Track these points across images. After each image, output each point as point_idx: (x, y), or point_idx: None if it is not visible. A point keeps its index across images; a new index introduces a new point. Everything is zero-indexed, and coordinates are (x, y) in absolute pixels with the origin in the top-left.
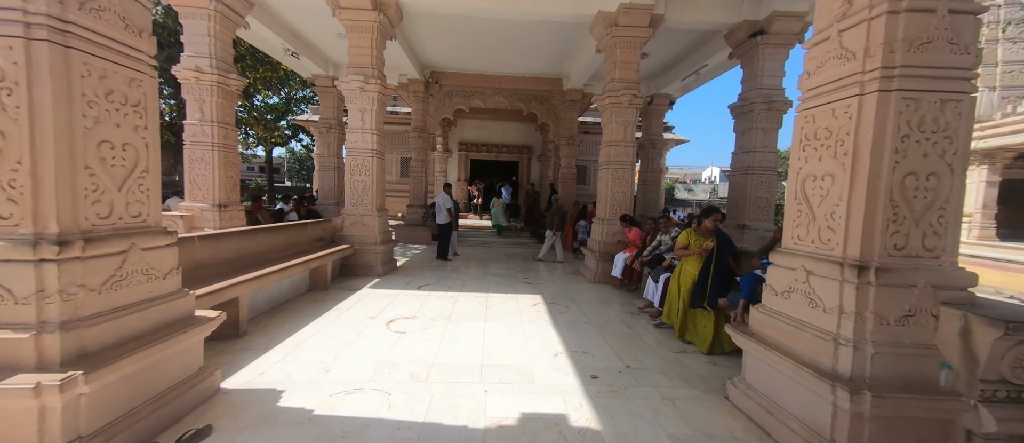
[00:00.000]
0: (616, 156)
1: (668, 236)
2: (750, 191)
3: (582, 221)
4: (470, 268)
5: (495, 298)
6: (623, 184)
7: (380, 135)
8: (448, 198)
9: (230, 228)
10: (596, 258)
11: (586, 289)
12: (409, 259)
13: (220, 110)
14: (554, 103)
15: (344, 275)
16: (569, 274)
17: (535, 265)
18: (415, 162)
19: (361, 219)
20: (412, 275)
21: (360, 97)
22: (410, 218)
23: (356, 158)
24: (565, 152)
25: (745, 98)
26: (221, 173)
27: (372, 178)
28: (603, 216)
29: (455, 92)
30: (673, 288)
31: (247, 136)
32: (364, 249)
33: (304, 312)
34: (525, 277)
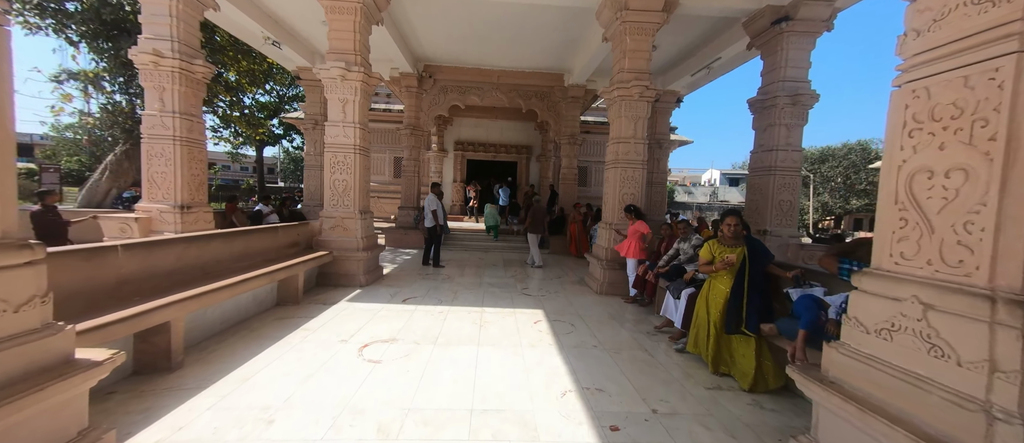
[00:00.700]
0: (625, 154)
1: (688, 244)
2: (772, 193)
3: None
4: (464, 276)
5: (491, 314)
6: (632, 185)
7: (364, 129)
8: (435, 200)
9: (191, 232)
10: (603, 267)
11: (593, 303)
12: (398, 266)
13: (183, 100)
14: (555, 100)
15: (322, 285)
16: (573, 284)
17: (532, 272)
18: (408, 161)
19: (341, 222)
20: (399, 285)
21: (341, 86)
22: (402, 220)
23: (336, 154)
24: (566, 152)
25: (766, 92)
26: (184, 170)
27: (354, 177)
28: (610, 221)
29: (450, 87)
30: (701, 309)
31: (236, 134)
32: (344, 256)
33: (263, 334)
34: (524, 287)
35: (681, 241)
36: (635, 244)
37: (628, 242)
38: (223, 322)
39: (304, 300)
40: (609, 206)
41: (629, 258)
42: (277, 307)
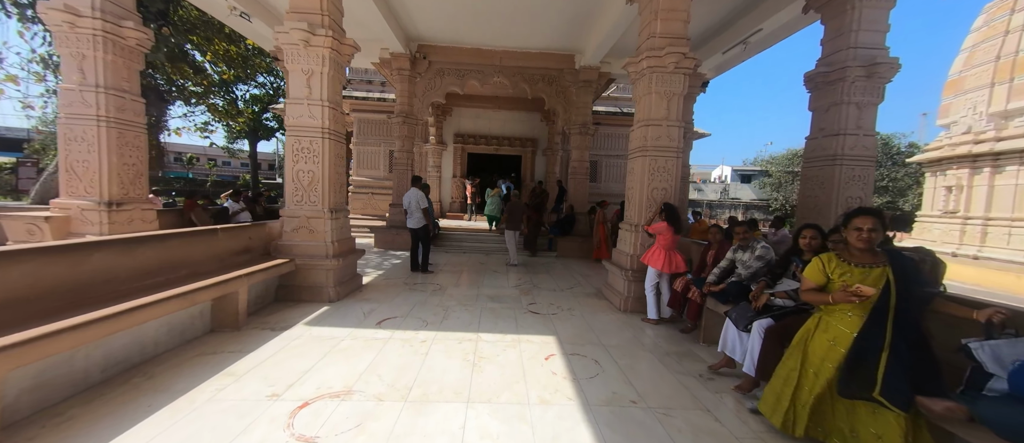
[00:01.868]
0: (655, 140)
1: (750, 254)
2: (837, 189)
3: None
4: (459, 286)
5: (488, 343)
6: (665, 178)
7: (335, 110)
8: (423, 196)
9: (119, 234)
10: (626, 278)
11: (617, 325)
12: (384, 273)
13: (110, 71)
14: (565, 84)
15: (283, 300)
16: (588, 297)
17: (538, 279)
18: (400, 153)
19: (307, 223)
20: (378, 299)
21: (304, 55)
22: (393, 219)
23: (300, 140)
24: (577, 143)
25: (830, 63)
26: (113, 159)
27: (322, 167)
28: (635, 221)
29: (447, 70)
30: (792, 358)
31: (228, 128)
32: (310, 265)
33: (162, 385)
34: (531, 301)
35: (738, 249)
36: (661, 254)
37: (655, 251)
38: (110, 366)
39: (248, 324)
40: (634, 203)
41: (651, 267)
42: (210, 335)
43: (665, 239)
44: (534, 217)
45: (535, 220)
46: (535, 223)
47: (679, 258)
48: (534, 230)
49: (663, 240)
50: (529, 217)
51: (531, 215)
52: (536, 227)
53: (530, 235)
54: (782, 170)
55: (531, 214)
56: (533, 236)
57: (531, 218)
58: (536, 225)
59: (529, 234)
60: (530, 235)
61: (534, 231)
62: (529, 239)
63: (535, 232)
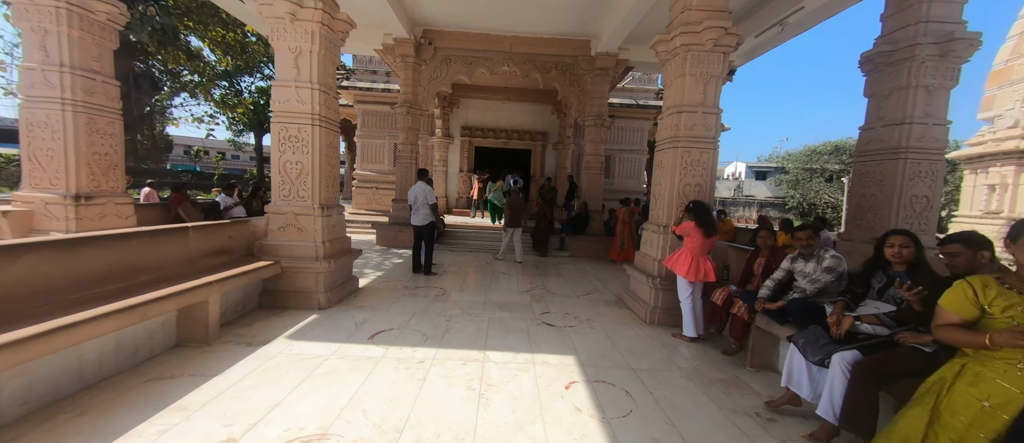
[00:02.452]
0: (689, 129)
1: (815, 265)
2: (900, 186)
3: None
4: (464, 292)
5: (497, 365)
6: (699, 173)
7: (327, 94)
8: (430, 192)
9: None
10: (652, 286)
11: (646, 342)
12: (383, 274)
13: (76, 49)
14: (579, 72)
15: (267, 307)
16: (608, 305)
17: (551, 283)
18: (403, 146)
19: (295, 221)
20: (373, 307)
21: (291, 31)
22: (396, 215)
23: (286, 127)
24: (592, 135)
25: (895, 40)
26: (82, 147)
27: (313, 158)
28: (662, 222)
29: (454, 57)
30: (915, 416)
31: (232, 120)
32: (297, 268)
33: (92, 425)
34: (544, 309)
35: (798, 258)
36: (687, 259)
37: (681, 254)
38: (34, 398)
39: (221, 337)
40: (662, 201)
41: (680, 277)
42: (173, 352)
43: (693, 242)
44: (545, 215)
45: (544, 218)
46: (545, 221)
47: (708, 265)
48: (544, 229)
49: (691, 243)
50: (538, 214)
51: (541, 212)
52: (546, 226)
53: (539, 234)
54: (799, 167)
55: (541, 211)
56: (543, 235)
57: (541, 216)
58: (546, 224)
59: (538, 233)
60: (539, 234)
61: (544, 230)
62: (539, 239)
63: (545, 231)
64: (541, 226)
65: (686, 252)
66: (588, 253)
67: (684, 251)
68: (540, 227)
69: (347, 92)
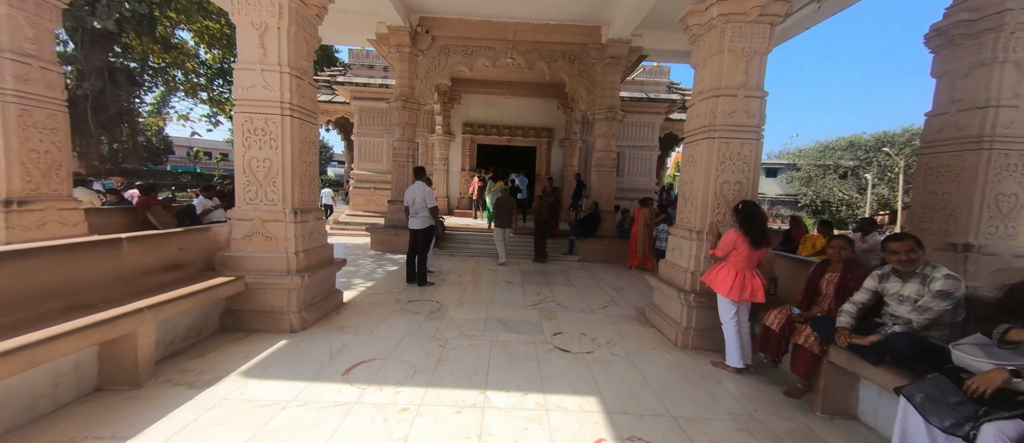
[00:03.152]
0: (727, 116)
1: (920, 285)
2: (982, 182)
3: (663, 226)
4: (463, 306)
5: (501, 414)
6: (738, 168)
7: (301, 79)
8: (431, 193)
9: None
10: (684, 303)
11: (681, 374)
12: (374, 285)
13: (5, 28)
14: (588, 62)
15: (229, 330)
16: (629, 321)
17: (561, 293)
18: (399, 143)
19: (262, 227)
20: (356, 328)
21: (255, 2)
22: (392, 217)
23: (251, 118)
24: (602, 130)
25: (978, 7)
26: (13, 144)
27: (283, 154)
28: (694, 226)
29: (453, 47)
30: None
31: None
32: (265, 284)
33: None
34: (555, 327)
35: (890, 277)
36: (730, 275)
37: (723, 269)
38: None
39: (158, 376)
40: (694, 202)
41: (722, 295)
42: (89, 400)
43: (739, 254)
44: (543, 218)
45: (543, 223)
46: (543, 226)
47: (756, 282)
48: (542, 234)
49: (736, 256)
50: (539, 219)
51: (539, 216)
52: (545, 230)
53: (538, 239)
54: (812, 164)
55: (540, 215)
56: (542, 241)
57: (542, 221)
58: (544, 229)
59: (535, 238)
60: (538, 239)
61: (542, 234)
62: (538, 245)
63: (543, 235)
64: (539, 231)
65: (729, 266)
66: (600, 257)
67: (727, 264)
68: (538, 232)
69: (343, 88)
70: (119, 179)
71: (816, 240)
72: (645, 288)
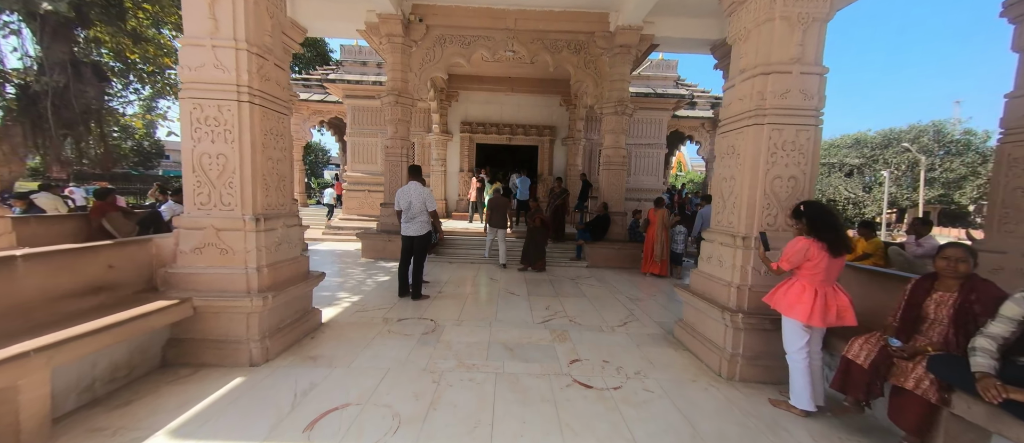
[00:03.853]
0: (779, 96)
1: None
2: None
3: (680, 227)
4: (462, 326)
5: None
6: (793, 160)
7: (266, 59)
8: (430, 195)
9: None
10: (729, 324)
11: (736, 419)
12: (361, 299)
13: None
14: (595, 52)
15: (174, 364)
16: (656, 341)
17: (572, 307)
18: (391, 141)
19: (216, 238)
20: (331, 358)
21: None
22: (384, 221)
23: (201, 106)
24: (611, 124)
25: None
26: None
27: (241, 149)
28: (738, 231)
29: (449, 37)
30: None
31: None
32: (218, 308)
33: None
34: (571, 352)
35: None
36: (808, 294)
37: (793, 286)
38: None
39: (59, 436)
40: (736, 201)
41: (791, 317)
42: None
43: (815, 266)
44: (535, 223)
45: (535, 228)
46: (536, 232)
47: (842, 300)
48: (537, 239)
49: (811, 269)
50: (532, 223)
51: (538, 220)
52: (541, 237)
53: (530, 244)
54: None
55: (536, 220)
56: (536, 245)
57: (534, 225)
58: (540, 234)
59: (529, 243)
60: (530, 244)
61: (538, 240)
62: (526, 251)
63: (539, 241)
64: (531, 234)
65: (802, 282)
66: (610, 263)
67: (798, 280)
68: (531, 236)
69: (335, 86)
70: (103, 184)
71: (857, 243)
72: (665, 298)
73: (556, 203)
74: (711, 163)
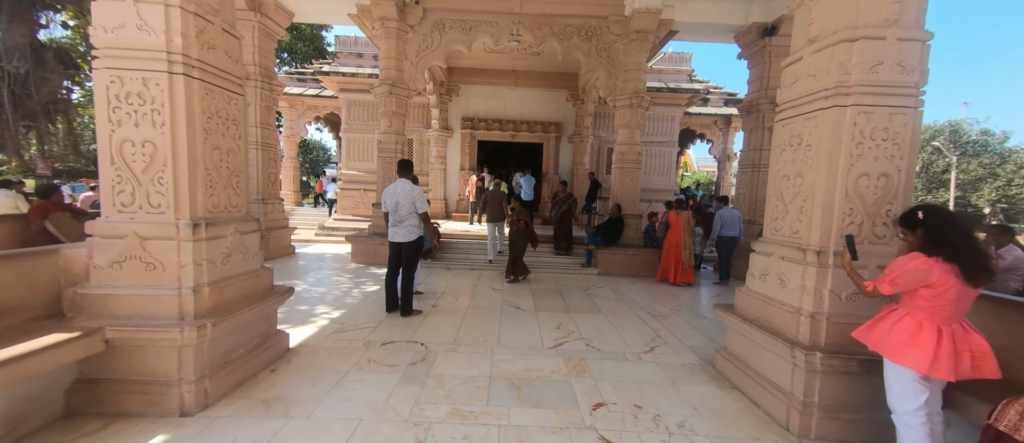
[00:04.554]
0: (866, 71)
1: None
2: None
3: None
4: (458, 353)
5: None
6: (888, 153)
7: (210, 22)
8: (421, 194)
9: None
10: (800, 365)
11: None
12: (342, 315)
13: None
14: (608, 39)
15: (82, 413)
16: (694, 374)
17: (586, 325)
18: (385, 136)
19: (140, 249)
20: (289, 402)
21: None
22: (376, 223)
23: (122, 78)
24: (625, 118)
25: None
26: None
27: (175, 135)
28: (811, 243)
29: (449, 22)
30: None
31: None
32: (140, 341)
33: None
34: (593, 393)
35: None
36: (930, 334)
37: (903, 321)
38: None
39: None
40: (808, 205)
41: (905, 369)
42: None
43: (940, 296)
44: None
45: (518, 232)
46: (516, 236)
47: (976, 342)
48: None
49: (935, 299)
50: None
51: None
52: (521, 242)
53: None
54: None
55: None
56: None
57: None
58: (520, 239)
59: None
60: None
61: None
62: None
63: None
64: (514, 240)
65: (920, 316)
66: (623, 270)
67: (912, 313)
68: (513, 242)
69: (329, 79)
70: (90, 181)
71: None
72: (690, 314)
73: (561, 209)
74: (724, 162)
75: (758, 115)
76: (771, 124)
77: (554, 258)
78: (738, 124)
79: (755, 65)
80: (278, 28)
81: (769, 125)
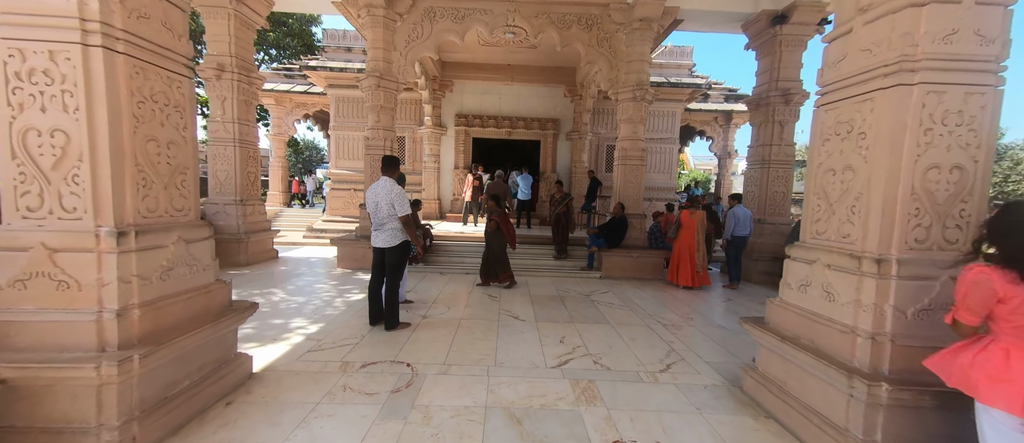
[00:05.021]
0: (937, 42)
1: None
2: None
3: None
4: (449, 376)
5: None
6: (962, 141)
7: None
8: (403, 194)
9: None
10: (858, 397)
11: None
12: (324, 327)
13: None
14: (610, 28)
15: None
16: (716, 397)
17: (594, 337)
18: (372, 132)
19: (49, 263)
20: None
21: None
22: (363, 225)
23: (23, 51)
24: (627, 112)
25: None
26: None
27: (93, 122)
28: (868, 249)
29: (439, 10)
30: None
31: None
32: (49, 380)
33: None
34: (609, 430)
35: None
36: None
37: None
38: None
39: None
40: (861, 204)
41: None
42: None
43: (1020, 310)
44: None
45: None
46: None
47: None
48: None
49: (1007, 314)
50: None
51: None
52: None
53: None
54: None
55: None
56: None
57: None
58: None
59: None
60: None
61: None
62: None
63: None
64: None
65: (1006, 341)
66: (627, 273)
67: (999, 340)
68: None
69: (317, 74)
70: None
71: None
72: (704, 323)
73: (557, 210)
74: (725, 160)
75: (768, 108)
76: (781, 118)
77: (553, 261)
78: (739, 121)
79: (764, 56)
80: (257, 16)
81: (780, 119)
